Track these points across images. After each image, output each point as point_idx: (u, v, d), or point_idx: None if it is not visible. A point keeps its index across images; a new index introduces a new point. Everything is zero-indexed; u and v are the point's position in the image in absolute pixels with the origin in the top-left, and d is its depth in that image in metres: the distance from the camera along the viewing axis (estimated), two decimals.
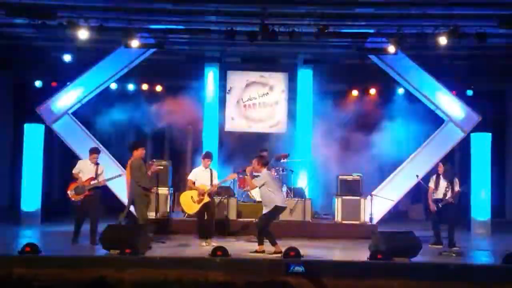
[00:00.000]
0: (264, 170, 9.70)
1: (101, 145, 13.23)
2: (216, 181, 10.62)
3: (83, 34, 11.30)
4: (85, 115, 13.98)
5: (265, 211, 9.57)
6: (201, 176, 10.61)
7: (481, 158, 13.52)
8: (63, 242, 10.30)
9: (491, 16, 10.84)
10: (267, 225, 9.54)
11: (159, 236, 10.78)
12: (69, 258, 8.26)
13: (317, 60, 14.30)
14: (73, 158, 13.91)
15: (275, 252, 9.24)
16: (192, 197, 10.50)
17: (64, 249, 9.56)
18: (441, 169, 10.57)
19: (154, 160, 12.35)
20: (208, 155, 10.82)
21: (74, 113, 13.55)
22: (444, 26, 11.15)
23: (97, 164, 10.40)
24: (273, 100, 15.03)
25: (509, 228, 14.18)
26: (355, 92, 15.56)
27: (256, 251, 9.41)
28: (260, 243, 9.52)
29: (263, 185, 9.52)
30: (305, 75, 14.73)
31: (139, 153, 10.00)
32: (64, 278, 6.95)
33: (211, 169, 10.77)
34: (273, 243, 9.39)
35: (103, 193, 10.78)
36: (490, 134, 13.71)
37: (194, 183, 10.54)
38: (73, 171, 10.40)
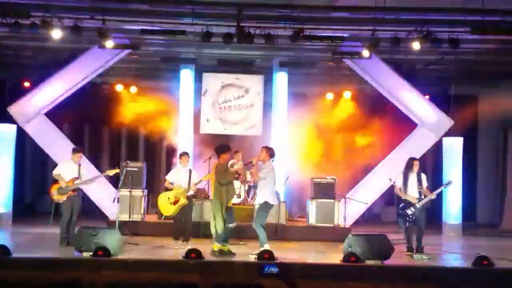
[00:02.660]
0: (270, 162, 9.57)
1: (74, 146, 13.11)
2: (193, 182, 10.56)
3: (57, 33, 11.17)
4: (58, 115, 13.83)
5: (256, 202, 9.56)
6: (179, 176, 10.57)
7: (452, 161, 13.74)
8: (34, 244, 10.17)
9: (464, 22, 11.01)
10: (262, 222, 9.50)
11: (134, 238, 10.72)
12: (40, 260, 8.16)
13: (292, 63, 14.36)
14: (46, 159, 13.81)
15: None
16: (168, 198, 10.43)
17: (35, 251, 9.43)
18: (417, 166, 10.23)
19: (128, 161, 12.31)
20: (184, 153, 10.81)
21: (47, 114, 13.39)
22: (417, 31, 11.30)
23: (79, 164, 10.31)
24: (248, 103, 15.04)
25: (479, 231, 14.43)
26: (330, 95, 15.66)
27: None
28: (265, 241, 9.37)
29: (266, 176, 9.42)
30: (281, 78, 14.78)
31: (226, 157, 9.68)
32: (35, 280, 6.85)
33: (190, 170, 10.73)
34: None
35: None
36: (462, 138, 13.93)
37: (171, 183, 10.50)
38: (54, 173, 10.28)
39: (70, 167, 10.26)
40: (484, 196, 16.18)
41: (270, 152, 9.61)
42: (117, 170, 10.74)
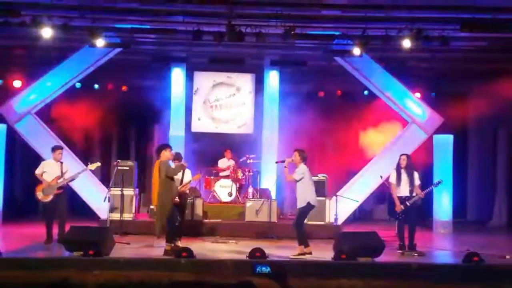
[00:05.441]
0: (303, 165, 9.57)
1: (65, 146, 13.06)
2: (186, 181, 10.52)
3: (46, 32, 11.13)
4: (48, 115, 13.77)
5: (298, 206, 9.55)
6: None
7: (443, 159, 13.79)
8: (24, 244, 10.13)
9: (454, 19, 11.04)
10: (302, 223, 9.54)
11: (125, 237, 10.69)
12: (30, 260, 8.13)
13: (284, 61, 14.37)
14: (36, 159, 13.72)
15: (304, 253, 9.27)
16: None
17: (25, 250, 9.39)
18: (404, 162, 10.22)
19: (119, 160, 12.27)
20: (177, 156, 10.76)
21: (37, 113, 13.33)
22: (407, 29, 11.32)
23: (61, 162, 10.29)
24: (240, 101, 15.06)
25: (470, 228, 14.50)
26: (321, 94, 15.65)
27: (299, 254, 9.33)
28: (306, 244, 9.42)
29: (301, 179, 9.44)
30: (272, 76, 14.79)
31: (167, 154, 9.45)
32: (25, 280, 6.83)
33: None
34: (306, 244, 9.38)
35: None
36: (452, 135, 13.98)
37: None
38: (36, 172, 10.25)
39: (52, 166, 10.23)
40: (474, 193, 16.24)
41: (303, 155, 9.60)
42: (98, 164, 10.73)
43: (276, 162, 10.79)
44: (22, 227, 12.37)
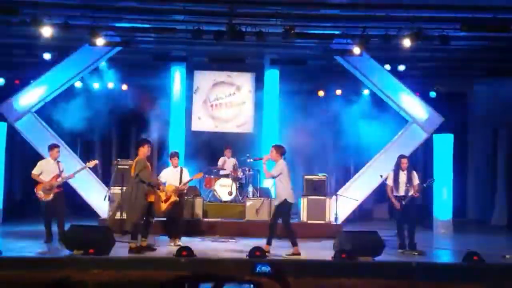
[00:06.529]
0: (282, 160, 9.46)
1: (65, 145, 13.07)
2: (185, 180, 10.55)
3: (47, 31, 11.13)
4: (48, 113, 13.77)
5: (276, 203, 9.52)
6: (171, 175, 10.58)
7: (443, 158, 13.79)
8: (24, 243, 10.13)
9: (454, 19, 11.05)
10: (289, 223, 9.53)
11: (125, 236, 10.68)
12: (31, 259, 8.13)
13: (284, 60, 14.36)
14: (35, 157, 13.72)
15: (293, 254, 9.26)
16: (160, 196, 10.44)
17: (26, 249, 9.40)
18: (405, 164, 10.29)
19: (119, 159, 12.27)
20: (174, 154, 10.79)
21: (38, 112, 13.33)
22: (407, 29, 11.32)
23: (58, 162, 10.29)
24: (240, 100, 15.05)
25: (470, 227, 14.50)
26: (321, 93, 15.65)
27: (292, 254, 9.30)
28: (269, 242, 9.44)
29: (279, 175, 9.36)
30: (272, 75, 14.78)
31: (144, 150, 9.46)
32: (25, 279, 6.83)
33: (181, 168, 10.71)
34: (294, 243, 9.37)
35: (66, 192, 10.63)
36: (452, 135, 13.98)
37: (164, 183, 10.49)
38: (34, 172, 10.21)
39: (49, 166, 10.22)
40: (474, 192, 16.25)
41: (281, 151, 9.52)
42: (96, 162, 10.75)
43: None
44: (22, 226, 12.35)
